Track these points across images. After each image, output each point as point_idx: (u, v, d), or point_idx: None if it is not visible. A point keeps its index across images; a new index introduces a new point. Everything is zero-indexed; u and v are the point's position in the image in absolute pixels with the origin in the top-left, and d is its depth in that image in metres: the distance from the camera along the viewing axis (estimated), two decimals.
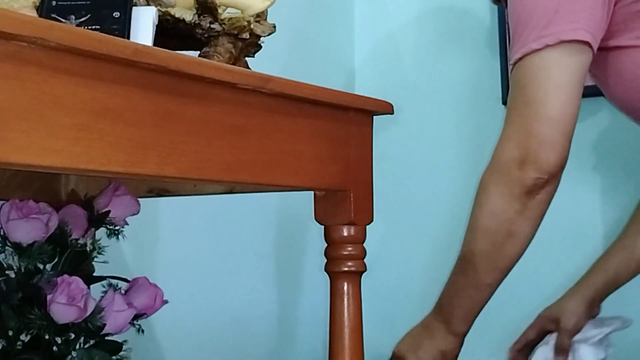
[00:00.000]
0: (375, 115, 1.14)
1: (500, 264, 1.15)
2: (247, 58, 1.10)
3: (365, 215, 1.12)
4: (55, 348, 1.06)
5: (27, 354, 1.05)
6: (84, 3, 0.88)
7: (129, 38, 0.87)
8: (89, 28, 0.86)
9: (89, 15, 0.87)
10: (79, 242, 1.12)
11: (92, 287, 1.09)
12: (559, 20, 1.09)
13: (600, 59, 1.16)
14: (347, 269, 1.11)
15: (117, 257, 1.28)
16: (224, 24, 1.03)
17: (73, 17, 0.87)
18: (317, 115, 1.04)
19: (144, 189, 1.28)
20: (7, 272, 1.07)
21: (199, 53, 1.02)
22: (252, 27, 1.05)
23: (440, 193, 1.96)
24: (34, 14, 0.88)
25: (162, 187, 1.28)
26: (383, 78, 2.08)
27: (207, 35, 1.02)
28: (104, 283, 1.13)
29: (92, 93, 0.76)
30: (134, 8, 0.89)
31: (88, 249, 1.13)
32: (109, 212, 1.15)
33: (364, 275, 1.13)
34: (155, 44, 0.89)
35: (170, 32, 0.99)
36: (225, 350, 1.68)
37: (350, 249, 1.11)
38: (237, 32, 1.04)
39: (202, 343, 1.63)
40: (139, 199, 1.18)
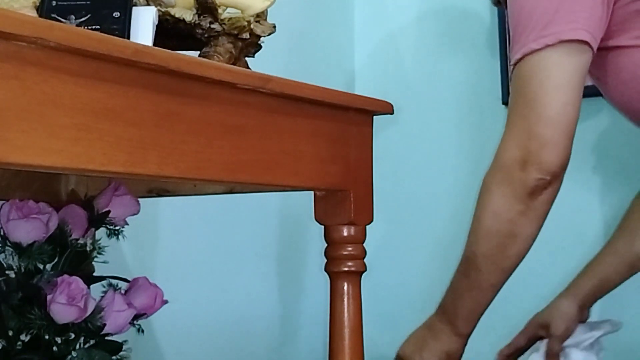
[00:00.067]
0: (375, 115, 1.14)
1: (504, 265, 1.15)
2: (247, 58, 1.10)
3: (365, 215, 1.12)
4: (55, 348, 1.06)
5: (27, 354, 1.05)
6: (84, 3, 0.88)
7: (129, 38, 0.87)
8: (89, 28, 0.86)
9: (89, 15, 0.87)
10: (79, 242, 1.12)
11: (92, 287, 1.09)
12: (559, 20, 1.09)
13: (600, 59, 1.15)
14: (347, 269, 1.11)
15: (117, 257, 1.28)
16: (224, 24, 1.03)
17: (73, 17, 0.87)
18: (317, 115, 1.04)
19: (144, 189, 1.28)
20: (7, 272, 1.07)
21: (199, 53, 1.02)
22: (252, 27, 1.05)
23: (440, 193, 1.96)
24: (34, 14, 0.88)
25: (162, 187, 1.28)
26: (383, 78, 2.08)
27: (207, 35, 1.02)
28: (104, 283, 1.13)
29: (92, 93, 0.76)
30: (134, 8, 0.89)
31: (88, 249, 1.13)
32: (109, 212, 1.15)
33: (364, 275, 1.13)
34: (155, 44, 0.89)
35: (170, 32, 0.99)
36: (225, 350, 1.68)
37: (350, 249, 1.11)
38: (237, 32, 1.04)
39: (202, 343, 1.63)
40: (139, 199, 1.18)
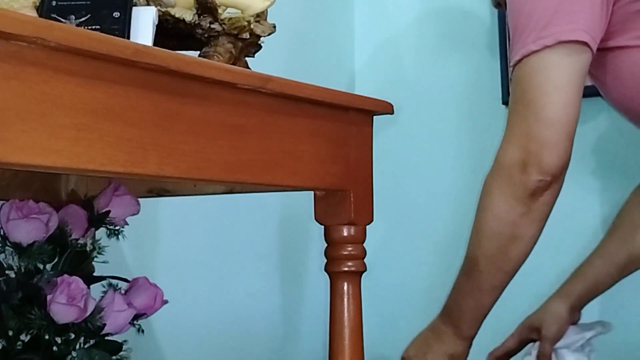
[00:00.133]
0: (375, 115, 1.14)
1: (506, 267, 1.15)
2: (247, 58, 1.10)
3: (365, 215, 1.12)
4: (55, 348, 1.06)
5: (27, 354, 1.05)
6: (84, 3, 0.88)
7: (129, 38, 0.87)
8: (89, 28, 0.86)
9: (89, 15, 0.87)
10: (79, 242, 1.12)
11: (92, 287, 1.09)
12: (558, 21, 1.09)
13: (599, 60, 1.15)
14: (347, 269, 1.11)
15: (117, 257, 1.28)
16: (224, 24, 1.03)
17: (73, 17, 0.87)
18: (317, 115, 1.04)
19: (144, 189, 1.28)
20: (7, 272, 1.07)
21: (199, 53, 1.02)
22: (252, 27, 1.05)
23: (440, 193, 1.96)
24: (34, 14, 0.88)
25: (162, 187, 1.28)
26: (383, 78, 2.08)
27: (207, 35, 1.02)
28: (104, 283, 1.13)
29: (92, 93, 0.76)
30: (134, 8, 0.89)
31: (88, 249, 1.13)
32: (109, 212, 1.15)
33: (364, 275, 1.13)
34: (155, 44, 0.89)
35: (170, 32, 0.99)
36: (225, 351, 1.68)
37: (350, 249, 1.11)
38: (237, 32, 1.04)
39: (202, 343, 1.63)
40: (139, 199, 1.18)
